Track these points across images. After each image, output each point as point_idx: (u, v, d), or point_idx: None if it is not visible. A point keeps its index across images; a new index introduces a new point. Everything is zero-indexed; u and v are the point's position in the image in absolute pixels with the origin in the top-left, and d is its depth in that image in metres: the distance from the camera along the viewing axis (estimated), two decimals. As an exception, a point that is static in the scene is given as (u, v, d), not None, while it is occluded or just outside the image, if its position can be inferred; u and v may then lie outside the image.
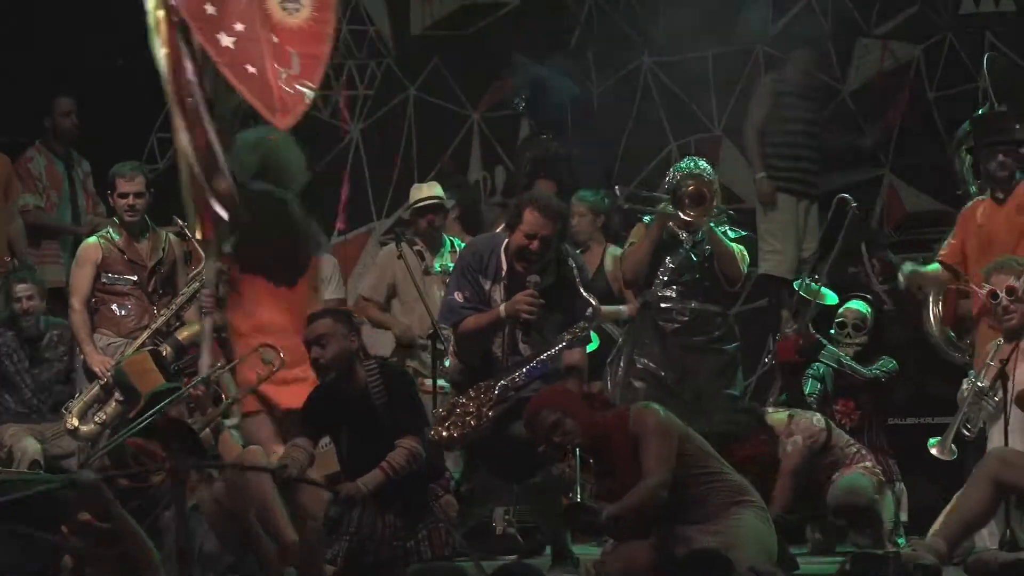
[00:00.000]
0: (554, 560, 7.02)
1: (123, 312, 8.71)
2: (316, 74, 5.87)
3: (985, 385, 7.08)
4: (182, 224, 8.20)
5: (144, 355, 7.97)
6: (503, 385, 6.89)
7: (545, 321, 7.00)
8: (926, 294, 8.48)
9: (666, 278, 8.07)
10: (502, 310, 6.96)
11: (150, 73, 6.69)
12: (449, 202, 9.30)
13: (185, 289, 8.44)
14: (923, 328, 8.45)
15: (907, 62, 10.74)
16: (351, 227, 11.46)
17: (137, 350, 8.30)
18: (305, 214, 7.13)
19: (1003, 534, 6.66)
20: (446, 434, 6.82)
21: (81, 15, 10.62)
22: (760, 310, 10.25)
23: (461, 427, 6.83)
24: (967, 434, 7.09)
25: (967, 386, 7.21)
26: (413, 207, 9.07)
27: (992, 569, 6.28)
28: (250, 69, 5.59)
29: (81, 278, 8.67)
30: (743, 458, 7.33)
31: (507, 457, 6.87)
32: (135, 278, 8.66)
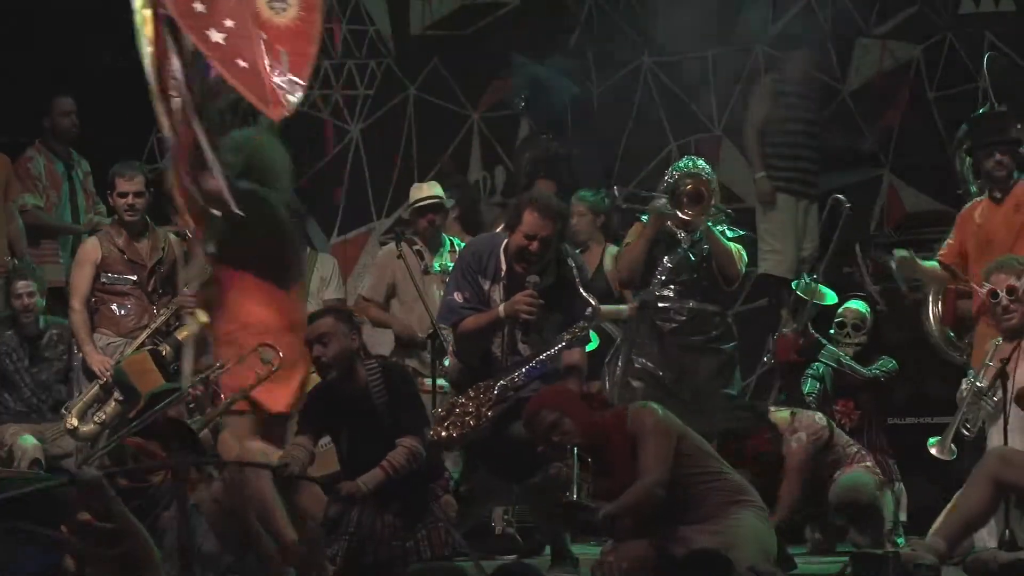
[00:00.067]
0: (553, 560, 7.01)
1: (123, 312, 8.72)
2: (305, 72, 5.87)
3: (984, 385, 7.07)
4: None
5: (144, 355, 7.99)
6: (502, 385, 6.88)
7: (545, 321, 7.00)
8: (925, 292, 8.48)
9: (664, 278, 8.06)
10: (501, 310, 6.96)
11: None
12: (449, 202, 9.29)
13: (185, 288, 8.44)
14: (922, 328, 8.45)
15: (907, 62, 10.73)
16: (350, 227, 11.48)
17: (137, 350, 8.31)
18: (290, 215, 7.12)
19: (1002, 533, 6.65)
20: (445, 434, 6.81)
21: (81, 15, 10.61)
22: (760, 310, 10.23)
23: (460, 427, 6.82)
24: (967, 434, 7.08)
25: (966, 386, 7.21)
26: (413, 207, 9.06)
27: (992, 569, 6.28)
28: (241, 63, 5.60)
29: (81, 278, 8.68)
30: (748, 455, 7.30)
31: (506, 457, 6.86)
32: (135, 278, 8.67)
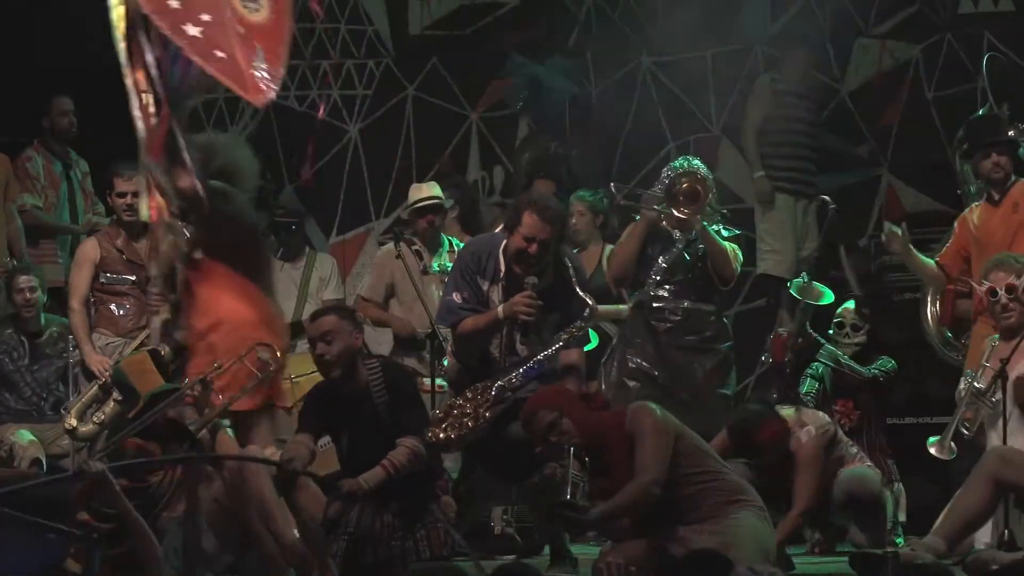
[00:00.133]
0: (552, 560, 7.00)
1: (122, 312, 8.72)
2: (278, 71, 5.89)
3: (982, 386, 7.06)
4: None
5: (143, 355, 7.95)
6: (500, 386, 6.88)
7: (543, 322, 7.00)
8: (924, 293, 8.49)
9: (659, 277, 8.06)
10: (500, 311, 6.96)
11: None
12: (448, 202, 9.28)
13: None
14: (921, 328, 8.45)
15: (906, 62, 10.72)
16: (348, 228, 11.48)
17: (136, 350, 8.30)
18: (257, 215, 7.16)
19: (1001, 533, 6.64)
20: (443, 436, 6.80)
21: (81, 15, 10.59)
22: (759, 310, 10.24)
23: (458, 428, 6.82)
24: (966, 433, 7.08)
25: (964, 385, 7.20)
26: (412, 207, 9.05)
27: (991, 569, 6.28)
28: (219, 54, 5.61)
29: (80, 278, 8.68)
30: (762, 442, 7.20)
31: (505, 457, 6.87)
32: (133, 278, 8.67)
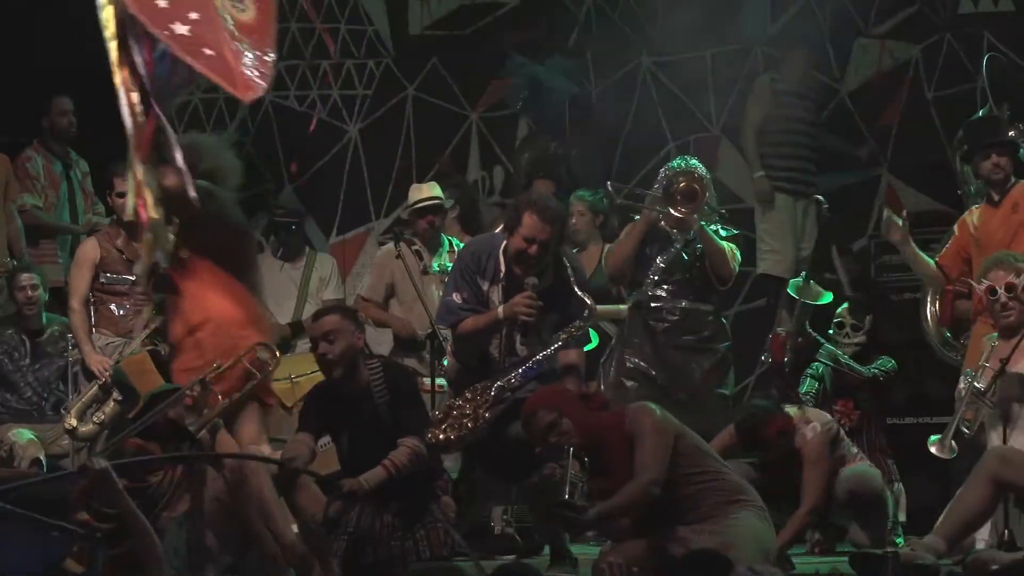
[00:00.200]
0: (552, 560, 7.00)
1: (122, 312, 8.72)
2: (267, 71, 5.90)
3: (981, 387, 7.04)
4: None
5: (143, 355, 7.97)
6: (499, 386, 6.88)
7: (543, 323, 7.00)
8: (924, 292, 8.48)
9: (657, 277, 8.06)
10: (500, 312, 6.95)
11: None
12: (448, 202, 9.28)
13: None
14: (921, 327, 8.45)
15: (905, 62, 10.72)
16: (348, 228, 11.48)
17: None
18: (257, 215, 7.17)
19: (1001, 533, 6.64)
20: (443, 437, 6.80)
21: (81, 15, 10.59)
22: (759, 310, 10.24)
23: (458, 429, 6.81)
24: (966, 432, 7.07)
25: (964, 384, 7.20)
26: (412, 208, 9.04)
27: (991, 569, 6.27)
28: (207, 51, 5.61)
29: (80, 278, 8.67)
30: (769, 437, 7.18)
31: (505, 457, 6.86)
32: (133, 278, 8.66)
